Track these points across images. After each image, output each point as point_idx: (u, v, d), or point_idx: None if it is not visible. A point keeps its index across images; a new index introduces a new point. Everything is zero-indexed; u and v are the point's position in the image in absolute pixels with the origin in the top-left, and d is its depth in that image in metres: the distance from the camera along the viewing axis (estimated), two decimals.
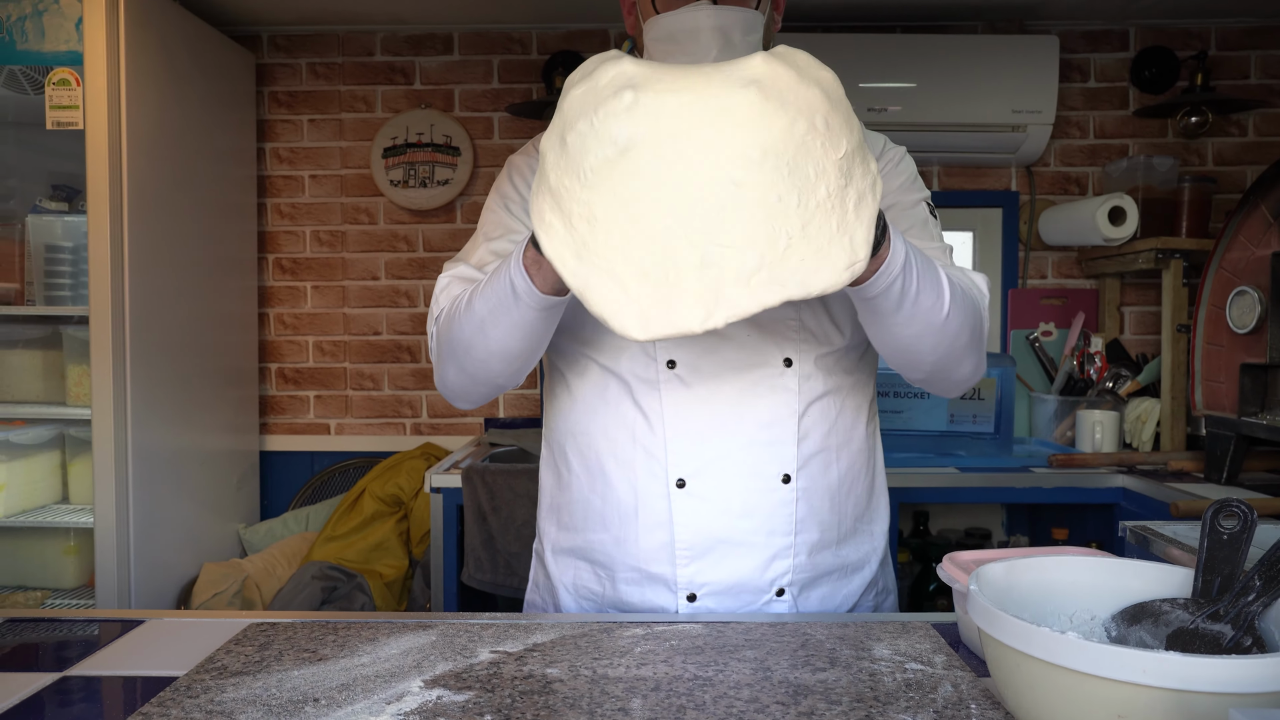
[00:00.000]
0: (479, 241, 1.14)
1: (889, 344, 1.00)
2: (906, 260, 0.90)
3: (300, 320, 2.88)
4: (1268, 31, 2.75)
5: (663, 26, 1.07)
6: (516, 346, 1.00)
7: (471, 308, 1.00)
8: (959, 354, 1.01)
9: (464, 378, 1.07)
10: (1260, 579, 0.76)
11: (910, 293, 0.91)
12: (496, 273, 0.98)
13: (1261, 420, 1.89)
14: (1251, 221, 1.92)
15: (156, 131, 2.25)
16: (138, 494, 2.17)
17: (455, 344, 1.04)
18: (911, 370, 1.05)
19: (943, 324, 0.96)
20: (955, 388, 1.09)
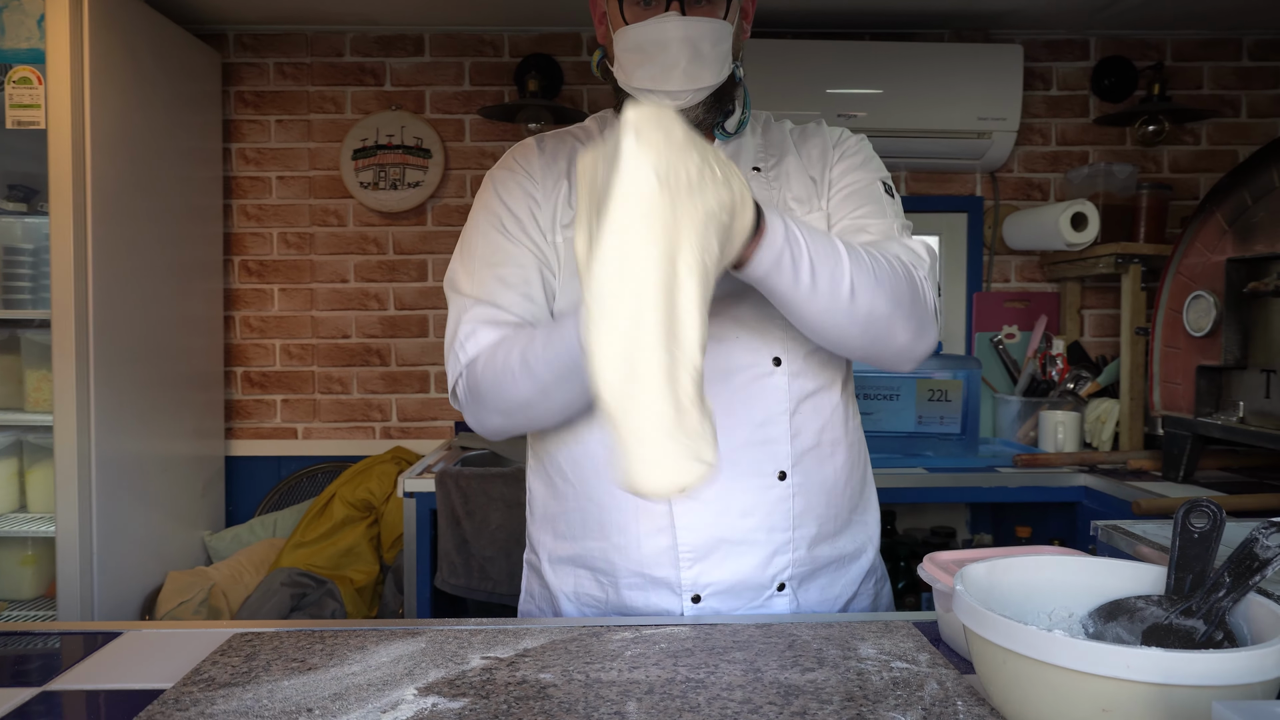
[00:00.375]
0: (475, 268, 1.12)
1: (804, 325, 1.00)
2: (789, 235, 0.90)
3: (267, 323, 2.83)
4: (1220, 43, 2.84)
5: (632, 38, 1.07)
6: (580, 403, 1.03)
7: (531, 371, 1.01)
8: (882, 325, 1.00)
9: (511, 424, 1.10)
10: (1230, 576, 0.79)
11: (803, 270, 0.92)
12: (557, 334, 0.98)
13: (1216, 420, 1.95)
14: (1207, 229, 1.99)
15: (120, 131, 2.20)
16: (101, 501, 2.12)
17: (508, 402, 1.05)
18: (843, 349, 1.05)
19: (850, 298, 0.95)
20: (901, 360, 1.07)
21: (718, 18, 1.07)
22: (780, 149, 1.18)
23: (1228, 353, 1.92)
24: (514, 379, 1.02)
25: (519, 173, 1.16)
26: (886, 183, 1.16)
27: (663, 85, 1.06)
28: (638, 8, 1.07)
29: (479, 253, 1.12)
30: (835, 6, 2.60)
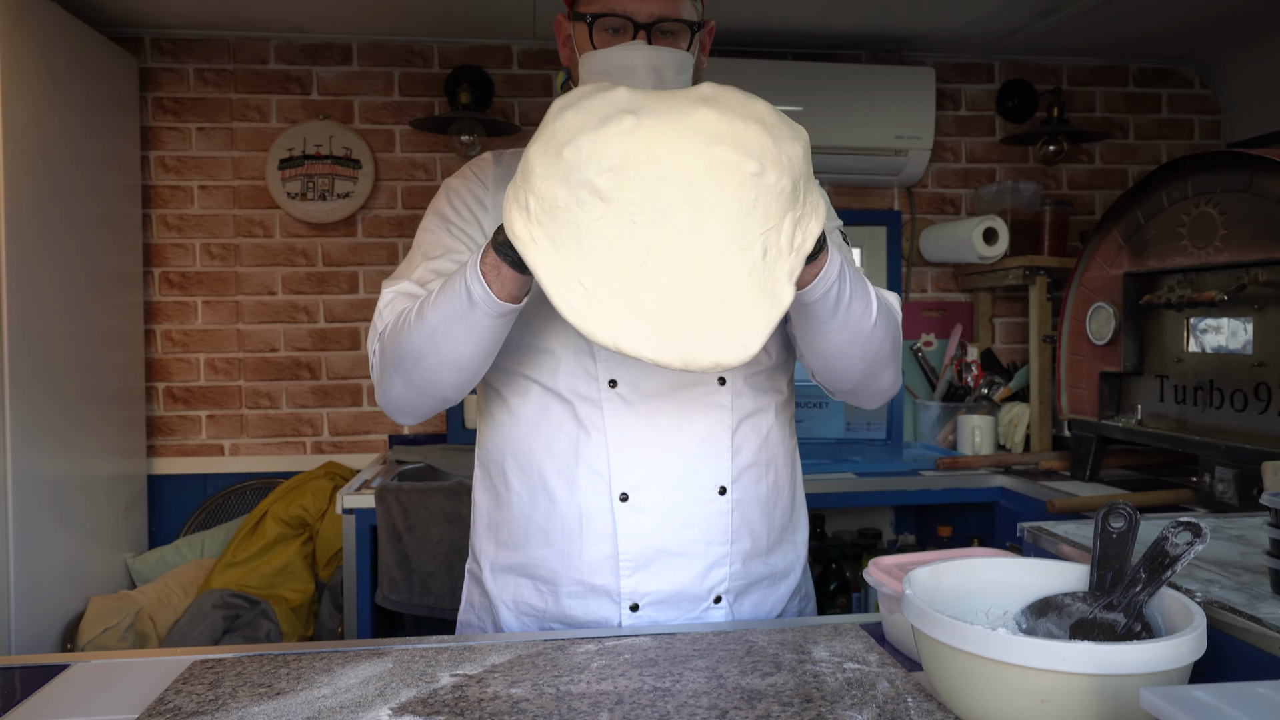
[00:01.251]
0: (415, 260, 1.15)
1: (823, 351, 1.07)
2: (841, 269, 0.97)
3: (190, 337, 2.75)
4: (1110, 70, 3.05)
5: (599, 61, 1.12)
6: (469, 355, 1.01)
7: (423, 317, 1.01)
8: (883, 363, 1.10)
9: (410, 390, 1.07)
10: (1145, 572, 0.88)
11: (844, 299, 0.99)
12: (449, 282, 0.99)
13: (1117, 423, 2.11)
14: (1106, 244, 2.14)
15: (32, 138, 2.11)
16: (17, 526, 2.02)
17: (404, 355, 1.04)
18: (841, 381, 1.13)
19: (870, 332, 1.04)
20: (877, 397, 1.17)
21: (681, 48, 1.13)
22: None
23: (1126, 360, 2.07)
24: (409, 330, 1.03)
25: (472, 180, 1.20)
26: (843, 231, 1.23)
27: None
28: (607, 35, 1.12)
29: (421, 249, 1.16)
30: (761, 26, 2.69)
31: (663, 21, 1.11)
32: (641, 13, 1.10)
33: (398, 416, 1.13)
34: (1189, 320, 1.93)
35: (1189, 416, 1.93)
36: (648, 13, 1.10)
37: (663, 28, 1.11)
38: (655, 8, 1.10)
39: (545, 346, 1.14)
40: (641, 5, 1.10)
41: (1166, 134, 3.10)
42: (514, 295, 0.96)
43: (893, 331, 1.09)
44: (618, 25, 1.11)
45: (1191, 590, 0.91)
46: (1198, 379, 1.91)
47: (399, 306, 1.08)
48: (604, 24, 1.11)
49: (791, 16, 2.60)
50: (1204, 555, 1.04)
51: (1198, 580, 0.95)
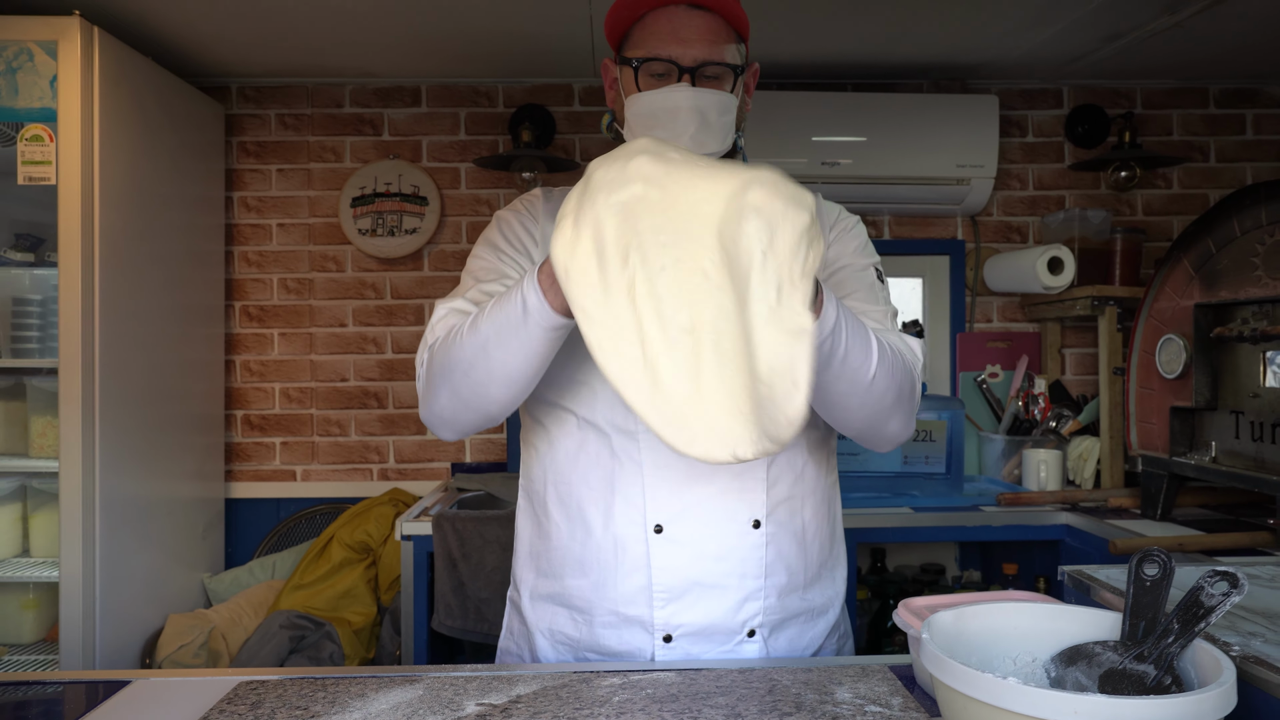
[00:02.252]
0: (467, 283, 1.17)
1: (821, 400, 1.06)
2: (837, 322, 0.97)
3: (267, 367, 2.89)
4: (1188, 92, 2.95)
5: (644, 104, 1.15)
6: (518, 369, 1.02)
7: (476, 328, 1.02)
8: (885, 412, 1.08)
9: (456, 402, 1.08)
10: (1178, 622, 0.85)
11: (839, 352, 0.98)
12: (506, 293, 1.01)
13: (1190, 460, 2.01)
14: (1175, 275, 2.06)
15: (127, 183, 2.28)
16: (104, 546, 2.16)
17: (453, 366, 1.05)
18: (842, 427, 1.12)
19: (869, 383, 1.03)
20: (884, 444, 1.16)
21: (724, 90, 1.15)
22: None
23: (1198, 394, 1.98)
24: (460, 342, 1.04)
25: (523, 214, 1.24)
26: (878, 268, 1.23)
27: None
28: (652, 78, 1.15)
29: (473, 273, 1.19)
30: (820, 59, 2.70)
31: (706, 65, 1.14)
32: (686, 57, 1.13)
33: (440, 430, 1.13)
34: (1265, 354, 1.84)
35: (1266, 455, 1.84)
36: (692, 57, 1.13)
37: (706, 71, 1.14)
38: (699, 52, 1.13)
39: (583, 379, 1.17)
40: (686, 50, 1.13)
41: (1252, 156, 2.97)
42: (567, 309, 0.96)
43: (899, 381, 1.07)
44: (663, 70, 1.14)
45: (1229, 643, 0.87)
46: (1275, 415, 1.81)
47: (451, 322, 1.10)
48: (649, 68, 1.15)
49: (852, 48, 2.60)
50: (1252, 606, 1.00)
51: (1239, 632, 0.91)
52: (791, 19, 2.37)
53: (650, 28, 1.15)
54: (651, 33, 1.14)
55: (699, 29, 1.13)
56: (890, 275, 2.98)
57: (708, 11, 1.14)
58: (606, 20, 1.18)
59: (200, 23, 2.39)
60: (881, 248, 2.87)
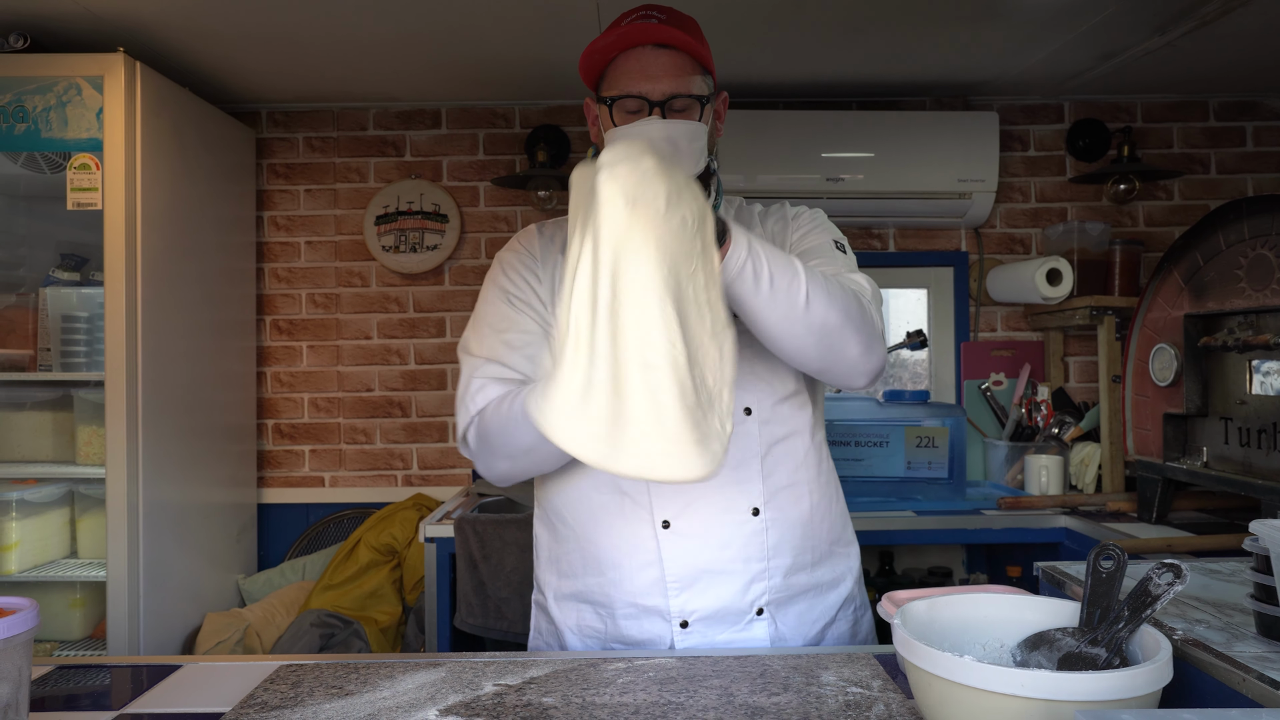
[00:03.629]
0: (485, 333, 1.29)
1: (766, 332, 1.13)
2: (751, 250, 1.06)
3: (296, 378, 3.03)
4: (1187, 106, 3.02)
5: (620, 136, 1.24)
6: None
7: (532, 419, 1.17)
8: (835, 334, 1.13)
9: (516, 469, 1.24)
10: (1128, 610, 0.93)
11: (764, 276, 1.07)
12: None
13: (1183, 465, 2.08)
14: (1167, 286, 2.14)
15: (167, 207, 2.42)
16: (147, 548, 2.29)
17: (513, 447, 1.19)
18: (805, 359, 1.17)
19: (805, 307, 1.09)
20: (854, 373, 1.19)
21: (693, 119, 1.26)
22: (748, 227, 1.36)
23: (1189, 401, 2.05)
24: (517, 426, 1.17)
25: (522, 253, 1.35)
26: (839, 242, 1.32)
27: None
28: (626, 114, 1.25)
29: (488, 321, 1.30)
30: (826, 79, 2.80)
31: (674, 99, 1.24)
32: (655, 92, 1.23)
33: (498, 483, 1.29)
34: (1251, 362, 1.91)
35: (1254, 460, 1.91)
36: (660, 91, 1.23)
37: (675, 104, 1.24)
38: (666, 86, 1.23)
39: None
40: (655, 85, 1.23)
41: (1253, 168, 3.03)
42: None
43: (841, 305, 1.12)
44: (635, 106, 1.24)
45: (1174, 628, 0.95)
46: (1261, 422, 1.88)
47: (491, 393, 1.23)
48: (623, 105, 1.25)
49: (856, 68, 2.70)
50: (1204, 597, 1.08)
51: (1187, 619, 0.99)
52: (798, 42, 2.47)
53: (621, 67, 1.25)
54: (623, 72, 1.24)
55: (665, 66, 1.23)
56: (895, 286, 3.08)
57: (672, 49, 1.24)
58: (581, 63, 1.28)
59: (234, 55, 2.53)
60: (887, 260, 2.98)
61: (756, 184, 2.81)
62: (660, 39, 1.23)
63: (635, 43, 1.24)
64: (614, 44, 1.24)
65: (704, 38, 1.31)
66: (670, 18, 1.27)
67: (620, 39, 1.23)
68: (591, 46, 1.25)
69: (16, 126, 2.16)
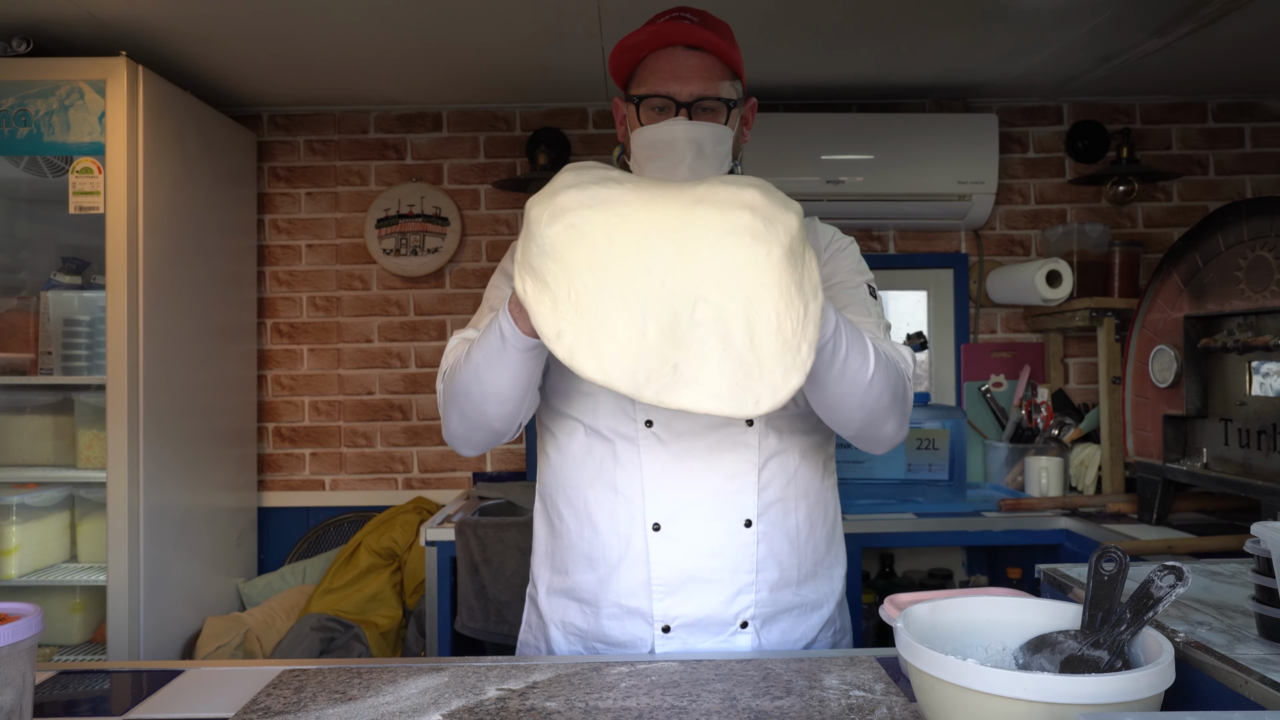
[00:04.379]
0: (483, 311, 1.32)
1: (822, 401, 1.16)
2: (837, 328, 1.07)
3: (297, 381, 3.03)
4: (1186, 107, 3.02)
5: (645, 136, 1.26)
6: (506, 388, 1.16)
7: (469, 357, 1.17)
8: (882, 413, 1.17)
9: (464, 423, 1.22)
10: (1130, 612, 0.94)
11: (840, 355, 1.08)
12: (489, 324, 1.15)
13: (1183, 466, 2.09)
14: (1166, 287, 2.14)
15: (168, 211, 2.42)
16: (148, 552, 2.29)
17: (456, 391, 1.20)
18: (842, 428, 1.21)
19: (868, 385, 1.12)
20: (880, 445, 1.24)
21: (719, 123, 1.26)
22: None
23: (1189, 403, 2.06)
24: (459, 370, 1.18)
25: None
26: (871, 285, 1.33)
27: (670, 176, 1.24)
28: (653, 113, 1.26)
29: (488, 301, 1.32)
30: (826, 81, 2.80)
31: (702, 100, 1.24)
32: (683, 93, 1.24)
33: (459, 448, 1.28)
34: (1251, 363, 1.92)
35: (1254, 461, 1.91)
36: (688, 93, 1.24)
37: (702, 105, 1.25)
38: (695, 88, 1.24)
39: (587, 390, 1.28)
40: (683, 86, 1.24)
41: (1251, 169, 3.04)
42: (534, 332, 1.09)
43: (894, 385, 1.16)
44: (662, 104, 1.25)
45: (1176, 630, 0.96)
46: (1261, 423, 1.89)
47: (460, 351, 1.24)
48: (650, 104, 1.26)
49: (856, 70, 2.70)
50: (1206, 599, 1.08)
51: (1189, 622, 0.99)
52: (798, 44, 2.48)
53: (651, 67, 1.26)
54: (652, 72, 1.26)
55: (694, 67, 1.24)
56: (895, 288, 3.08)
57: (703, 51, 1.25)
58: (610, 61, 1.30)
59: (235, 59, 2.53)
60: (887, 262, 2.99)
61: None
62: (692, 40, 1.24)
63: (666, 42, 1.25)
64: (645, 42, 1.25)
65: (736, 42, 1.31)
66: (703, 20, 1.28)
67: (652, 37, 1.24)
68: (622, 43, 1.26)
69: (19, 130, 2.17)
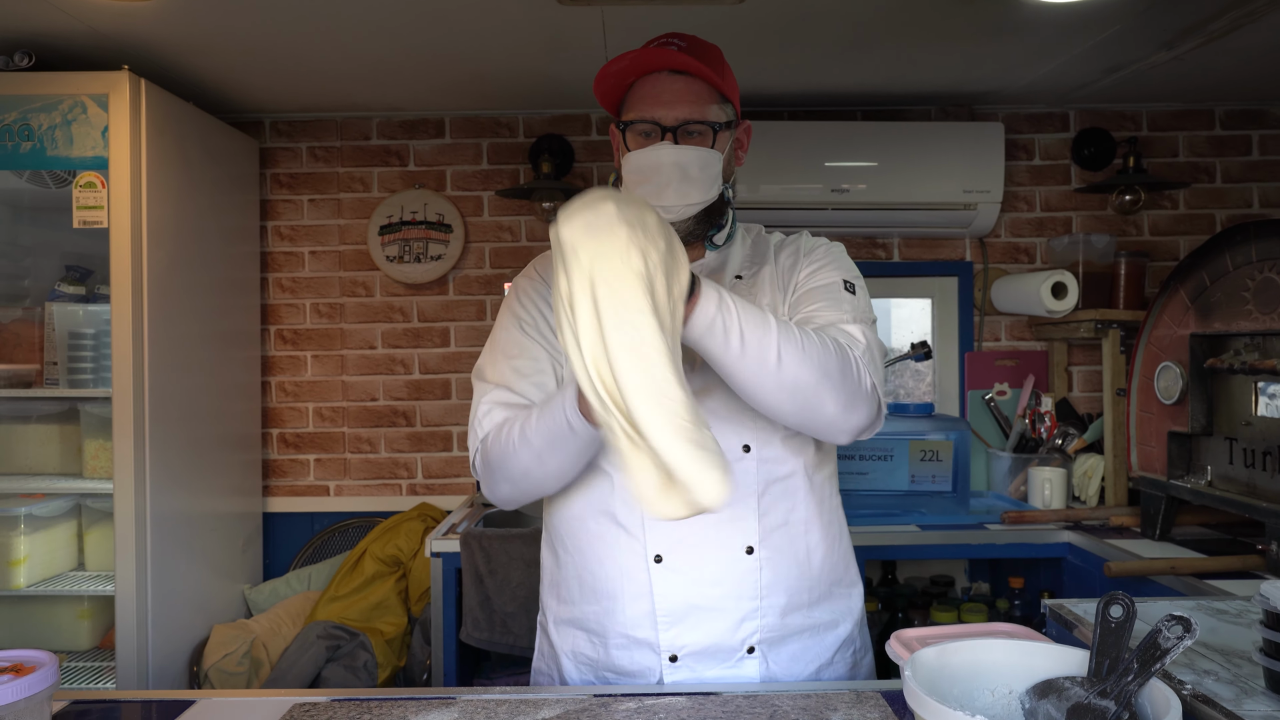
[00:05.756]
0: (498, 359, 1.30)
1: (739, 388, 1.13)
2: (721, 305, 1.05)
3: (301, 388, 3.03)
4: (1193, 114, 3.01)
5: (634, 161, 1.25)
6: (572, 469, 1.21)
7: (528, 441, 1.18)
8: (808, 393, 1.11)
9: (518, 492, 1.26)
10: (1138, 662, 0.94)
11: (733, 335, 1.06)
12: (548, 410, 1.15)
13: (1186, 484, 2.09)
14: (1173, 304, 2.14)
15: (172, 221, 2.41)
16: (155, 560, 2.30)
17: (511, 470, 1.22)
18: (780, 416, 1.17)
19: (777, 364, 1.08)
20: (833, 430, 1.17)
21: (706, 146, 1.25)
22: (762, 259, 1.36)
23: (1194, 420, 2.06)
24: (515, 449, 1.20)
25: (536, 280, 1.36)
26: (849, 281, 1.29)
27: (658, 200, 1.23)
28: (640, 138, 1.26)
29: (501, 347, 1.32)
30: (831, 89, 2.79)
31: (688, 124, 1.24)
32: (668, 118, 1.24)
33: (503, 505, 1.32)
34: (1257, 384, 1.92)
35: (1258, 481, 1.91)
36: (674, 117, 1.24)
37: (688, 129, 1.24)
38: (681, 112, 1.24)
39: None
40: (668, 111, 1.24)
41: (1259, 176, 3.03)
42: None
43: (819, 362, 1.10)
44: (648, 129, 1.25)
45: (1184, 681, 0.96)
46: (1266, 443, 1.89)
47: (497, 417, 1.25)
48: (636, 129, 1.26)
49: (862, 79, 2.69)
50: (1212, 643, 1.09)
51: (1196, 670, 1.00)
52: (808, 57, 2.47)
53: (638, 93, 1.26)
54: (639, 97, 1.26)
55: (680, 92, 1.24)
56: (900, 296, 3.08)
57: (690, 76, 1.25)
58: (595, 88, 1.28)
59: (237, 69, 2.52)
60: (891, 270, 2.98)
61: (760, 195, 2.81)
62: (676, 65, 1.24)
63: (651, 68, 1.25)
64: (629, 69, 1.25)
65: (726, 66, 1.31)
66: (691, 45, 1.27)
67: (634, 64, 1.24)
68: (605, 70, 1.25)
69: (22, 145, 2.16)
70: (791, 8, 2.10)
